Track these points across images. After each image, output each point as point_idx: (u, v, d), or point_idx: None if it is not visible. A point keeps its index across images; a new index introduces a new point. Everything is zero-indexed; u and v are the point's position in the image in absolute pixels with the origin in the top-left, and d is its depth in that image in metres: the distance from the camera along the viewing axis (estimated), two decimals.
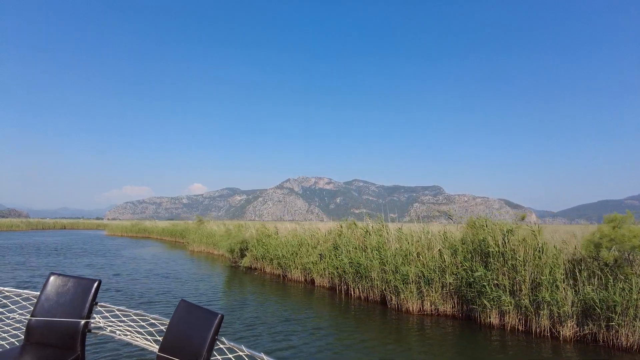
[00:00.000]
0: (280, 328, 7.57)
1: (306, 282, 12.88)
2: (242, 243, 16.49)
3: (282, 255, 13.67)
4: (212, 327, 2.16)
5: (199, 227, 29.55)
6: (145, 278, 13.69)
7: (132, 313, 2.79)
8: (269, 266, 14.79)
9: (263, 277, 14.32)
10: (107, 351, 5.78)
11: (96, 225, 79.33)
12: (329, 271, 11.56)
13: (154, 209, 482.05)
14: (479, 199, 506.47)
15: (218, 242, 22.73)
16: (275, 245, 14.59)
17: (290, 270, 13.25)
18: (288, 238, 14.44)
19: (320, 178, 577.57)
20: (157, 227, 43.14)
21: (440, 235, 9.52)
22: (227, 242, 16.43)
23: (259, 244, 15.73)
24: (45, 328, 2.47)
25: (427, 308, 8.73)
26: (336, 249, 11.56)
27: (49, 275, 2.67)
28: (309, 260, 12.38)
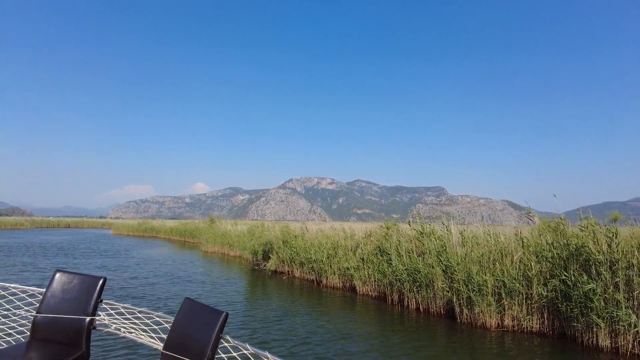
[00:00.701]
0: (328, 347, 6.32)
1: (345, 289, 11.58)
2: (266, 245, 15.22)
3: (315, 259, 12.38)
4: (217, 325, 2.15)
5: (211, 227, 28.34)
6: (166, 281, 12.46)
7: (136, 311, 2.75)
8: (299, 270, 13.50)
9: (292, 282, 13.04)
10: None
11: (101, 224, 78.29)
12: (374, 278, 10.26)
13: (156, 208, 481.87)
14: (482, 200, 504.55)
15: (234, 243, 21.53)
16: (304, 247, 13.31)
17: (326, 275, 11.95)
18: (320, 240, 13.16)
19: (322, 178, 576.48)
20: (165, 226, 41.95)
21: (516, 238, 8.21)
22: (251, 244, 15.14)
23: (286, 246, 14.46)
24: (50, 325, 2.46)
25: (507, 323, 7.43)
26: (383, 253, 10.27)
27: (54, 272, 2.64)
28: (349, 265, 11.08)
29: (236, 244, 21.23)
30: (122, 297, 9.91)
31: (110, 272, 14.44)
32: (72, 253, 21.44)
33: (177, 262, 18.38)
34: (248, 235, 15.94)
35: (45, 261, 17.32)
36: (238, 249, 20.87)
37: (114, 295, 10.19)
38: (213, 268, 16.46)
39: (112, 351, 5.65)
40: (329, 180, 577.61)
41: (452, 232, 9.18)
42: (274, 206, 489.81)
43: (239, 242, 20.74)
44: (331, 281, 11.85)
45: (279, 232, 15.92)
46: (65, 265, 16.45)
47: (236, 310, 8.96)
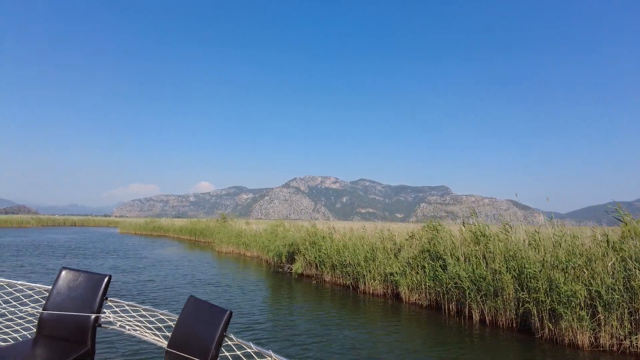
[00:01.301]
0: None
1: (387, 296, 10.46)
2: (291, 246, 14.13)
3: (351, 263, 11.26)
4: (221, 323, 2.16)
5: (223, 226, 27.32)
6: (186, 284, 11.43)
7: (141, 308, 2.75)
8: (330, 274, 12.39)
9: (322, 287, 11.95)
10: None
11: (107, 223, 77.59)
12: (425, 285, 9.14)
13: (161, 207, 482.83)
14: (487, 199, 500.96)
15: (250, 243, 20.48)
16: (336, 248, 12.21)
17: (365, 280, 10.84)
18: (354, 241, 12.05)
19: (326, 177, 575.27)
20: (174, 225, 41.00)
21: (599, 241, 7.06)
22: (275, 244, 14.05)
23: (313, 247, 13.37)
24: (56, 321, 2.47)
25: (604, 342, 6.29)
26: (436, 257, 9.15)
27: (60, 270, 2.64)
28: (393, 270, 9.96)
29: (253, 244, 20.19)
30: (144, 303, 8.87)
31: (124, 274, 13.42)
32: (81, 253, 20.49)
33: (194, 263, 17.36)
34: (271, 236, 14.86)
35: (54, 261, 16.36)
36: (255, 250, 19.83)
37: (135, 301, 9.18)
38: (232, 270, 15.40)
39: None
40: (332, 180, 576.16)
41: (520, 233, 8.04)
42: (278, 205, 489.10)
43: (256, 243, 19.69)
44: (370, 287, 10.73)
45: (305, 233, 14.82)
46: (75, 266, 15.47)
47: (268, 319, 8.00)
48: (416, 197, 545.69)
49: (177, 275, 13.60)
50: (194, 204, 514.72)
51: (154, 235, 41.81)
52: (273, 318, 8.19)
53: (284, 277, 13.73)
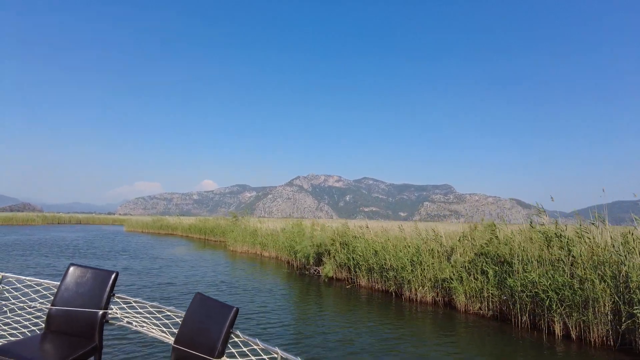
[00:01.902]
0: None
1: (437, 304, 9.36)
2: (319, 246, 13.06)
3: (394, 266, 10.17)
4: (227, 320, 2.16)
5: (235, 225, 26.32)
6: (209, 288, 10.40)
7: (148, 305, 2.74)
8: (366, 278, 11.29)
9: (358, 292, 10.87)
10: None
11: (112, 221, 76.93)
12: (488, 293, 8.04)
13: (164, 205, 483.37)
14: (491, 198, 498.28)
15: (268, 243, 19.44)
16: (371, 250, 11.13)
17: (411, 286, 9.73)
18: (393, 242, 10.96)
19: (329, 176, 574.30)
20: (182, 223, 40.06)
21: None
22: (303, 245, 12.97)
23: (345, 248, 12.29)
24: (64, 317, 2.48)
25: None
26: (502, 262, 8.05)
27: (68, 266, 2.65)
28: (446, 275, 8.86)
29: (271, 244, 19.15)
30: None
31: (141, 276, 12.40)
32: (91, 252, 19.53)
33: (210, 263, 16.33)
34: (297, 235, 13.81)
35: (63, 262, 15.39)
36: (274, 250, 18.79)
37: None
38: (253, 272, 14.35)
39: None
40: (336, 178, 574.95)
41: (606, 234, 6.92)
42: (281, 203, 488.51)
43: (275, 242, 18.66)
44: (418, 294, 9.62)
45: (333, 232, 13.71)
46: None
47: (299, 326, 7.16)
48: (420, 196, 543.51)
49: (196, 277, 12.58)
50: (197, 202, 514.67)
51: (162, 234, 40.91)
52: (305, 325, 7.33)
53: (311, 280, 12.67)
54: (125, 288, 10.27)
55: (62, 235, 32.64)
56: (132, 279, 11.92)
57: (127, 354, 5.34)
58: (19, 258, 16.07)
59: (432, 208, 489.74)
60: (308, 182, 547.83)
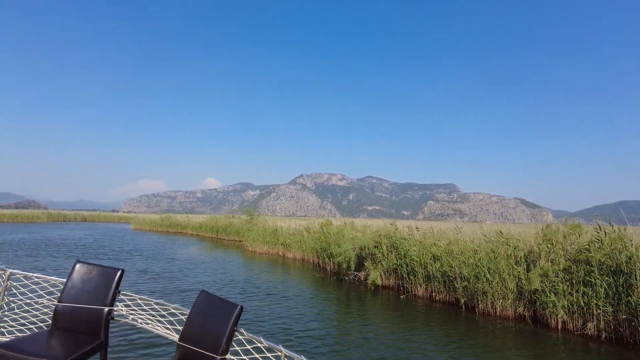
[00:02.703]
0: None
1: (522, 319, 7.91)
2: (362, 249, 11.63)
3: (464, 274, 8.72)
4: (232, 318, 2.18)
5: (251, 223, 24.96)
6: (237, 294, 9.02)
7: (153, 302, 2.75)
8: (424, 287, 9.87)
9: (414, 303, 9.46)
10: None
11: (118, 218, 75.83)
12: (600, 309, 6.60)
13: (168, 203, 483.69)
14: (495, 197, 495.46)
15: (291, 243, 18.06)
16: (428, 254, 9.71)
17: (487, 298, 8.29)
18: (459, 245, 9.53)
19: (333, 174, 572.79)
20: (192, 222, 38.76)
21: None
22: (344, 247, 11.54)
23: (392, 252, 10.88)
24: (71, 314, 2.50)
25: None
26: (613, 271, 6.61)
27: (75, 263, 2.68)
28: (536, 287, 7.41)
29: (295, 244, 17.78)
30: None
31: (162, 279, 11.03)
32: (101, 252, 18.21)
33: (232, 265, 14.96)
34: (336, 237, 12.40)
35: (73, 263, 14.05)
36: (299, 251, 17.42)
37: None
38: (282, 276, 12.96)
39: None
40: (339, 177, 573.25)
41: None
42: (284, 202, 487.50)
43: (301, 243, 17.29)
44: (496, 307, 8.18)
45: (379, 234, 12.22)
46: None
47: (345, 343, 6.10)
48: (423, 195, 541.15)
49: (223, 282, 11.22)
50: (201, 200, 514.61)
51: (170, 232, 39.64)
52: (355, 341, 6.23)
53: (351, 287, 11.27)
54: (151, 295, 8.91)
55: (69, 234, 31.42)
56: (153, 283, 10.56)
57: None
58: (26, 259, 14.79)
59: (435, 207, 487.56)
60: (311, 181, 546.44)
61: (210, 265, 15.16)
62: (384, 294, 10.44)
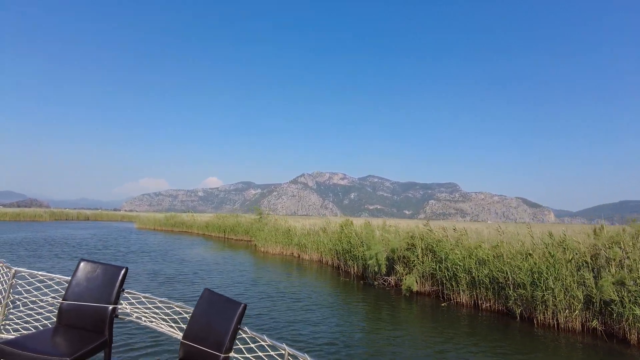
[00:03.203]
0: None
1: (592, 333, 7.00)
2: (394, 252, 10.74)
3: (518, 281, 7.82)
4: (235, 316, 2.17)
5: (262, 223, 24.09)
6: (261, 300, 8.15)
7: (157, 300, 2.75)
8: (467, 294, 8.96)
9: (457, 312, 8.57)
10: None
11: (121, 217, 75.04)
12: None
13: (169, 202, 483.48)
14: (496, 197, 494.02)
15: (307, 244, 17.18)
16: (473, 257, 8.82)
17: (548, 308, 7.37)
18: (506, 248, 8.63)
19: (334, 173, 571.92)
20: (197, 221, 37.91)
21: None
22: (375, 249, 10.64)
23: (427, 255, 9.99)
24: (75, 311, 2.51)
25: None
26: None
27: (79, 261, 2.69)
28: (611, 297, 6.49)
29: (311, 245, 16.91)
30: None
31: (177, 283, 10.16)
32: (109, 252, 17.37)
33: (247, 268, 14.09)
34: (366, 237, 11.49)
35: None
36: (316, 252, 16.55)
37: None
38: (302, 279, 12.09)
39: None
40: (340, 176, 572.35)
41: None
42: (286, 201, 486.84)
43: (318, 244, 16.43)
44: (559, 318, 7.26)
45: (411, 235, 11.31)
46: None
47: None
48: (425, 194, 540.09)
49: (242, 285, 10.38)
50: (202, 199, 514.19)
51: (175, 232, 38.81)
52: (386, 353, 5.64)
53: (380, 293, 10.39)
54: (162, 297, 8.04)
55: (73, 233, 30.61)
56: (168, 287, 9.68)
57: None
58: (29, 259, 13.96)
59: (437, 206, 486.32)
60: (313, 180, 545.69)
61: (225, 266, 14.30)
62: (420, 301, 9.56)
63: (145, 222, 45.63)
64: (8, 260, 13.38)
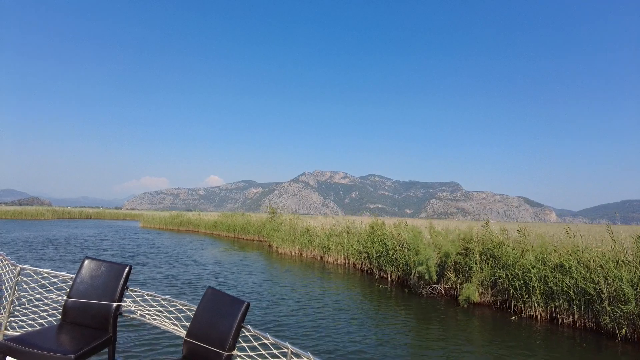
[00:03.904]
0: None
1: None
2: (445, 256, 9.50)
3: (610, 292, 6.60)
4: (239, 314, 2.17)
5: (274, 222, 22.90)
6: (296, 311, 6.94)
7: (161, 298, 2.73)
8: (542, 306, 7.73)
9: (530, 327, 7.36)
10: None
11: (123, 216, 73.87)
12: None
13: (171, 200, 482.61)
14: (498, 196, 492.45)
15: (331, 245, 15.98)
16: (548, 263, 7.59)
17: None
18: (585, 253, 7.41)
19: (335, 172, 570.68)
20: (204, 220, 36.74)
21: None
22: (425, 254, 9.39)
23: (492, 259, 8.77)
24: (80, 309, 2.51)
25: None
26: None
27: (83, 259, 2.69)
28: None
29: (335, 247, 15.70)
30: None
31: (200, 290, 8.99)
32: (117, 254, 16.18)
33: (270, 271, 12.89)
34: (414, 240, 10.20)
35: None
36: (341, 255, 15.35)
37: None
38: (332, 285, 10.87)
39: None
40: (342, 175, 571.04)
41: None
42: (287, 199, 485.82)
43: (341, 245, 15.24)
44: None
45: (464, 237, 10.07)
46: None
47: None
48: (426, 193, 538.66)
49: (272, 292, 9.15)
50: (203, 198, 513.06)
51: (182, 231, 37.65)
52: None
53: (429, 303, 9.18)
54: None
55: (76, 232, 29.44)
56: (190, 296, 8.48)
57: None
58: (33, 262, 12.77)
59: (438, 205, 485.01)
60: (314, 179, 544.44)
61: (244, 269, 13.10)
62: (480, 314, 8.35)
63: (150, 221, 44.47)
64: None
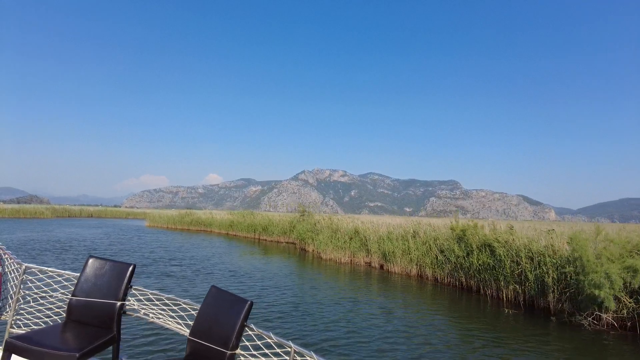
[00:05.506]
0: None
1: None
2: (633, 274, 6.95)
3: None
4: (242, 313, 2.16)
5: (306, 222, 20.37)
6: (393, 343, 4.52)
7: (164, 297, 2.76)
8: None
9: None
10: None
11: (126, 214, 71.14)
12: None
13: (170, 198, 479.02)
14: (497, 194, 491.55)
15: (394, 251, 13.46)
16: None
17: None
18: None
19: (335, 170, 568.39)
20: (215, 219, 34.16)
21: None
22: (597, 275, 6.84)
23: (625, 271, 6.29)
24: (84, 307, 2.53)
25: None
26: None
27: (87, 258, 2.70)
28: None
29: (401, 254, 13.18)
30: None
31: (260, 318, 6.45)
32: (127, 258, 13.64)
33: (328, 283, 10.40)
34: (580, 250, 7.64)
35: None
36: (411, 264, 12.84)
37: None
38: (435, 309, 8.42)
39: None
40: (341, 173, 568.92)
41: None
42: (286, 198, 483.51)
43: (408, 252, 12.73)
44: None
45: (573, 241, 7.65)
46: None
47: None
48: (425, 191, 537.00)
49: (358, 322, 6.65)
50: (203, 196, 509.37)
51: (192, 231, 35.07)
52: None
53: (596, 338, 6.70)
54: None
55: (81, 232, 26.82)
56: None
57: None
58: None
59: (438, 204, 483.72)
60: (313, 177, 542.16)
61: (295, 281, 10.60)
62: (564, 329, 5.95)
63: (157, 220, 41.84)
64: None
